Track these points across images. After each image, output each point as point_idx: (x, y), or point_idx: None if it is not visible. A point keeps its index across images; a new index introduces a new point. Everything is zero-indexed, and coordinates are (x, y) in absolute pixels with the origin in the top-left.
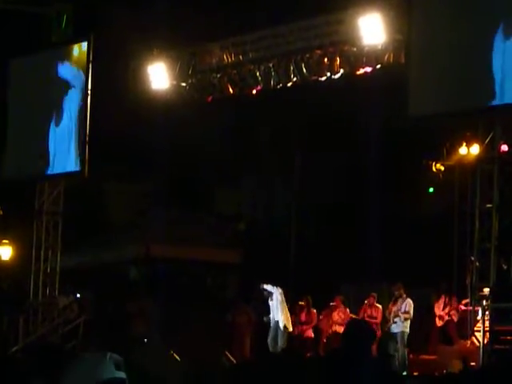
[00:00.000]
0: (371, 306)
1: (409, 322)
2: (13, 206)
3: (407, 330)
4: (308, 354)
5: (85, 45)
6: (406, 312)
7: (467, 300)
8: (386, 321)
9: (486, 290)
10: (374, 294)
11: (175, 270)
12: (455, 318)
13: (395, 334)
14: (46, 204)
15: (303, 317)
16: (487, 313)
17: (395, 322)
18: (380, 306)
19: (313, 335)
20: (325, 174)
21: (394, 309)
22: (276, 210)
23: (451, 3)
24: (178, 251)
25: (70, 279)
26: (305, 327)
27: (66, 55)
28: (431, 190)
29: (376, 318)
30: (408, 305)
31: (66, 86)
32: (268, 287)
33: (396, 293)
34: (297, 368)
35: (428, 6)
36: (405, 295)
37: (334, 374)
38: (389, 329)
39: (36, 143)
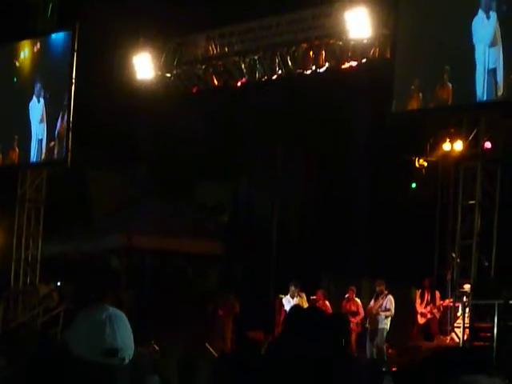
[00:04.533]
0: (350, 300)
1: (389, 318)
2: None
3: (387, 326)
4: None
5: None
6: (386, 309)
7: (451, 299)
8: (366, 317)
9: (467, 287)
10: (353, 288)
11: (157, 260)
12: (437, 316)
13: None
14: (29, 192)
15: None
16: (467, 309)
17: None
18: (359, 300)
19: None
20: (307, 167)
21: (375, 306)
22: (258, 202)
23: None
24: (160, 242)
25: (51, 268)
26: None
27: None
28: (414, 185)
29: (358, 314)
30: (389, 302)
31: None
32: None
33: (377, 289)
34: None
35: (415, 1)
36: (386, 292)
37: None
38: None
39: (15, 130)
